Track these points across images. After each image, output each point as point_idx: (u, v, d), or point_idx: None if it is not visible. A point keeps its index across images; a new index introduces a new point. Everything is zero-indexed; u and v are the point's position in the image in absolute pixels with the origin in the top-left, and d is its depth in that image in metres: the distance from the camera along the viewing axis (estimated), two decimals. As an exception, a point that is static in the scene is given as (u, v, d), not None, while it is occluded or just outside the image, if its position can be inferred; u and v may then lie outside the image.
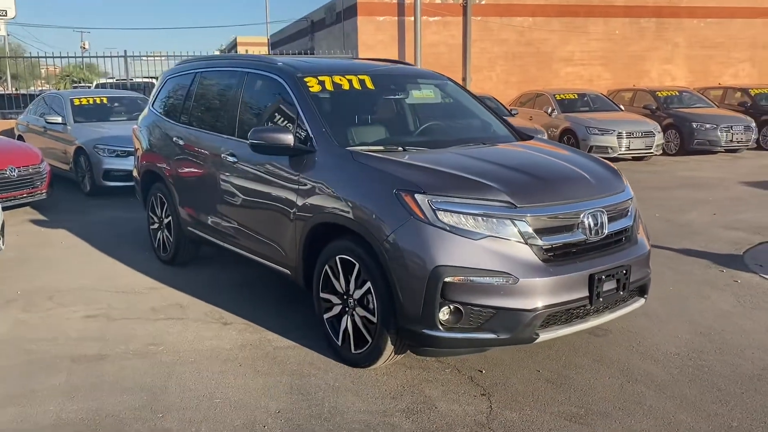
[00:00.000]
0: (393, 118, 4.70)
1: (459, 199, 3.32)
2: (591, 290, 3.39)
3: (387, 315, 3.45)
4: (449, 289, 3.21)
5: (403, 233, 3.31)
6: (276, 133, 3.99)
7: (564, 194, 3.50)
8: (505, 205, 3.31)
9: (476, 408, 3.29)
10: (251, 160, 4.43)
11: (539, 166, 3.76)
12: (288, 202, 4.05)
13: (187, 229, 5.48)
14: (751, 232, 7.10)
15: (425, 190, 3.34)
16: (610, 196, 3.68)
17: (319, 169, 3.90)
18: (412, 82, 4.95)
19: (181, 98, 5.67)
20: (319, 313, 3.95)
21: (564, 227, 3.43)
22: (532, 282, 3.23)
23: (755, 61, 20.48)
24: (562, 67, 18.70)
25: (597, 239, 3.52)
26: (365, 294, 3.59)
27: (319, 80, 4.38)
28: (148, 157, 6.05)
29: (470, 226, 3.27)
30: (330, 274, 3.81)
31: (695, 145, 14.19)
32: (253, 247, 4.56)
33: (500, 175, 3.53)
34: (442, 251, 3.23)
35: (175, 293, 5.14)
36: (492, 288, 3.21)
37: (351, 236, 3.66)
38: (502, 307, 3.22)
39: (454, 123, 4.89)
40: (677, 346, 4.04)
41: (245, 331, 4.33)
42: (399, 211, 3.35)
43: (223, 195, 4.80)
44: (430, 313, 3.25)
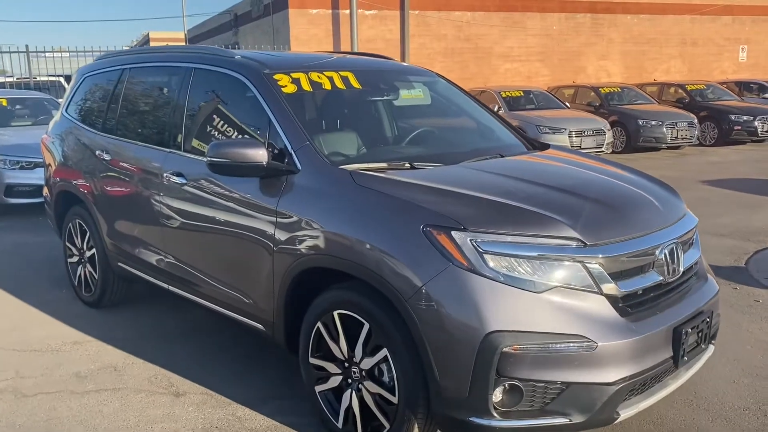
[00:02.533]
0: (386, 126, 3.80)
1: (511, 237, 2.47)
2: (676, 348, 2.61)
3: (414, 394, 2.56)
4: (506, 361, 2.36)
5: (440, 286, 2.43)
6: (244, 149, 3.00)
7: (636, 224, 2.71)
8: (573, 244, 2.49)
9: None
10: (206, 182, 3.42)
11: (596, 188, 2.95)
12: (261, 240, 3.08)
13: (117, 265, 4.38)
14: (740, 238, 6.65)
15: (465, 225, 2.47)
16: (679, 222, 2.93)
17: (306, 196, 2.95)
18: (401, 79, 4.04)
19: (105, 101, 4.54)
20: (309, 384, 3.01)
21: (640, 268, 2.64)
22: (614, 346, 2.41)
23: (685, 57, 20.78)
24: (501, 63, 18.25)
25: (674, 280, 2.76)
26: (379, 364, 2.69)
27: (293, 78, 3.41)
28: (62, 174, 4.88)
29: (529, 274, 2.42)
30: (324, 335, 2.88)
31: (641, 142, 14.01)
32: (211, 294, 3.54)
33: (555, 201, 2.70)
34: (497, 310, 2.36)
35: (106, 349, 4.04)
36: (563, 357, 2.38)
37: (356, 285, 2.74)
38: (576, 381, 2.40)
39: (455, 129, 4.04)
40: (741, 397, 3.36)
41: (206, 405, 3.32)
42: (431, 255, 2.46)
43: (166, 225, 3.76)
44: (480, 395, 2.38)
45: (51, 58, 15.58)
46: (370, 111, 3.82)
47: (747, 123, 15.00)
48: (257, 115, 3.31)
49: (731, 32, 21.41)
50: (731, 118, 15.10)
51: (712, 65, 21.20)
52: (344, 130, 3.48)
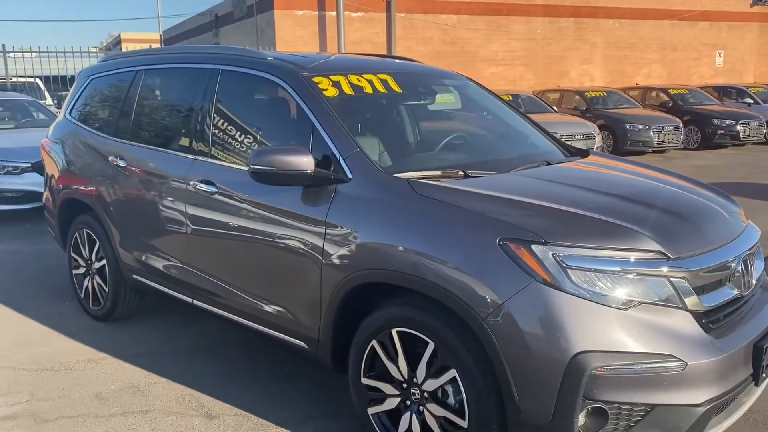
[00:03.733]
0: (430, 132, 3.64)
1: (594, 250, 2.33)
2: (756, 364, 2.50)
3: (486, 418, 2.41)
4: (593, 384, 2.22)
5: (521, 304, 2.28)
6: (289, 156, 2.82)
7: (712, 236, 2.60)
8: (657, 257, 2.36)
9: None
10: (242, 191, 3.22)
11: (667, 199, 2.82)
12: (309, 253, 2.89)
13: (131, 277, 4.15)
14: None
15: (546, 238, 2.33)
16: (746, 233, 2.83)
17: (359, 206, 2.78)
18: (437, 83, 3.89)
19: (117, 105, 4.30)
20: (361, 405, 2.83)
21: (720, 281, 2.53)
22: (703, 365, 2.29)
23: (665, 62, 21.05)
24: (486, 67, 18.24)
25: (748, 293, 2.66)
26: (444, 385, 2.53)
27: (333, 81, 3.24)
28: (68, 181, 4.62)
29: (614, 289, 2.29)
30: (380, 353, 2.71)
31: (629, 146, 14.09)
32: (244, 309, 3.33)
33: (631, 212, 2.57)
34: (584, 329, 2.23)
35: (123, 367, 3.80)
36: (651, 378, 2.25)
37: (419, 301, 2.58)
38: (663, 403, 2.27)
39: (495, 135, 3.90)
40: (794, 409, 3.28)
41: (242, 429, 3.12)
42: (511, 270, 2.31)
43: (192, 236, 3.55)
44: (566, 419, 2.24)
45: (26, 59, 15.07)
46: (410, 116, 3.66)
47: (729, 127, 15.20)
48: (298, 121, 3.13)
49: (708, 38, 21.77)
50: (714, 122, 15.29)
51: (690, 70, 21.52)
52: (389, 135, 3.31)
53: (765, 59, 22.98)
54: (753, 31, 22.58)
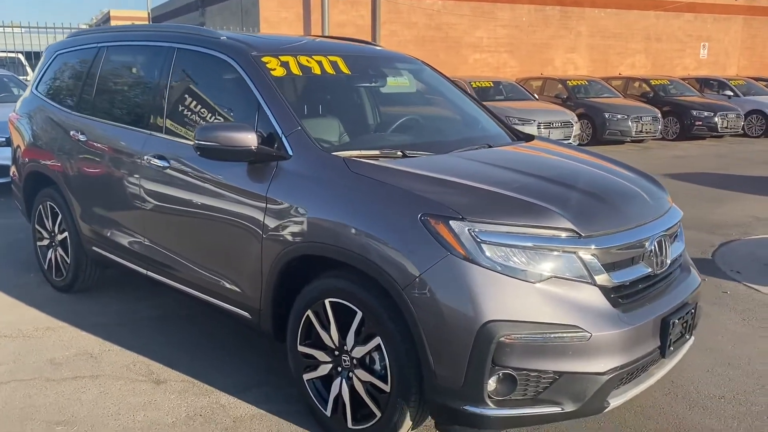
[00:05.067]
0: (375, 113, 3.76)
1: (508, 227, 2.48)
2: (664, 338, 2.67)
3: (407, 383, 2.55)
4: (502, 351, 2.37)
5: (438, 275, 2.42)
6: (233, 132, 2.93)
7: (628, 216, 2.75)
8: (567, 234, 2.51)
9: (531, 502, 2.50)
10: (191, 166, 3.34)
11: (587, 180, 2.97)
12: (250, 227, 3.02)
13: (91, 249, 4.26)
14: (705, 231, 6.84)
15: (463, 214, 2.47)
16: (665, 216, 2.98)
17: (298, 182, 2.91)
18: (388, 66, 4.00)
19: (81, 80, 4.39)
20: (297, 371, 2.98)
21: (632, 259, 2.68)
22: (607, 336, 2.45)
23: (649, 52, 21.17)
24: (470, 53, 18.29)
25: (662, 272, 2.81)
26: (371, 352, 2.68)
27: (282, 61, 3.35)
28: (33, 154, 4.71)
29: (526, 264, 2.44)
30: (314, 322, 2.85)
31: (607, 135, 14.25)
32: (193, 280, 3.46)
33: (550, 192, 2.72)
34: (494, 300, 2.37)
35: (80, 336, 3.93)
36: (557, 347, 2.40)
37: (349, 273, 2.72)
38: (569, 371, 2.43)
39: (441, 118, 4.02)
40: (716, 385, 3.46)
41: (188, 393, 3.27)
42: (428, 244, 2.45)
43: (146, 209, 3.66)
44: (475, 385, 2.39)
45: (9, 34, 15.00)
46: (358, 97, 3.77)
47: (708, 119, 15.39)
48: (245, 99, 3.24)
49: (693, 29, 21.90)
50: (693, 114, 15.48)
51: (674, 61, 21.67)
52: (333, 116, 3.43)
53: (749, 52, 23.16)
54: (738, 23, 22.74)
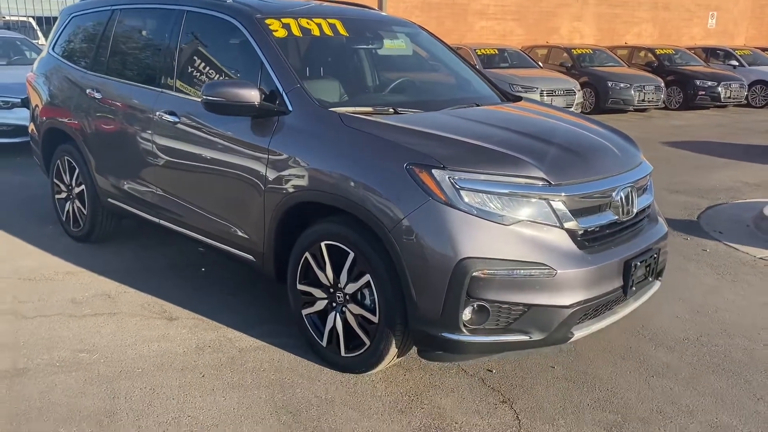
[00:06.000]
0: (371, 73, 4.00)
1: (485, 175, 2.75)
2: (626, 279, 2.96)
3: (393, 314, 2.86)
4: (476, 285, 2.66)
5: (420, 218, 2.71)
6: (238, 89, 3.20)
7: (597, 168, 3.02)
8: (539, 183, 2.78)
9: (501, 420, 2.82)
10: (200, 121, 3.61)
11: (563, 135, 3.23)
12: (254, 175, 3.31)
13: (107, 201, 4.56)
14: (695, 195, 7.07)
15: (444, 164, 2.74)
16: (635, 169, 3.25)
17: (296, 135, 3.18)
18: (385, 29, 4.24)
19: (95, 42, 4.64)
20: (296, 308, 3.29)
21: (599, 207, 2.96)
22: (571, 273, 2.74)
23: (656, 21, 21.09)
24: (477, 20, 18.32)
25: (627, 219, 3.09)
26: (362, 288, 2.98)
27: (284, 23, 3.59)
28: (50, 112, 4.99)
29: (500, 208, 2.72)
30: (312, 263, 3.15)
31: (610, 103, 14.36)
32: (202, 227, 3.77)
33: (526, 145, 2.99)
34: (469, 240, 2.66)
35: (98, 279, 4.26)
36: (526, 282, 2.70)
37: (342, 218, 3.01)
38: (536, 303, 2.72)
39: (435, 79, 4.27)
40: (683, 329, 3.75)
41: (198, 329, 3.59)
42: (413, 190, 2.73)
43: (158, 162, 3.95)
44: (452, 314, 2.70)
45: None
46: (355, 58, 4.02)
47: (711, 88, 15.46)
48: (249, 58, 3.49)
49: (702, -2, 21.78)
50: (696, 84, 15.54)
51: (681, 30, 21.58)
52: (331, 75, 3.68)
53: (757, 22, 23.01)
54: (747, -7, 22.57)
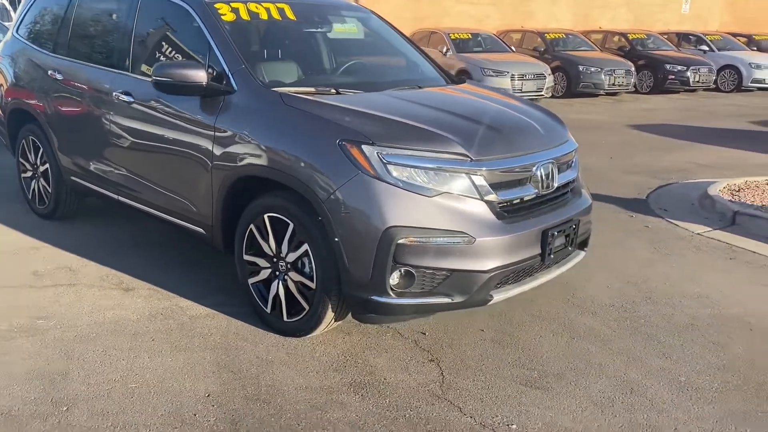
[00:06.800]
0: (318, 55, 4.20)
1: (411, 151, 2.97)
2: (544, 247, 3.20)
3: (328, 280, 3.09)
4: (402, 251, 2.90)
5: (350, 190, 2.93)
6: (185, 69, 3.39)
7: (518, 145, 3.25)
8: (460, 158, 3.01)
9: (427, 377, 3.06)
10: (152, 101, 3.79)
11: (490, 115, 3.46)
12: (202, 152, 3.50)
13: (69, 179, 4.73)
14: (648, 175, 7.35)
15: (373, 140, 2.96)
16: (558, 146, 3.49)
17: (241, 114, 3.38)
18: (335, 14, 4.44)
19: (57, 24, 4.79)
20: (243, 277, 3.51)
21: (518, 181, 3.20)
22: (489, 241, 2.98)
23: (631, 6, 21.33)
24: (453, 5, 18.44)
25: (547, 193, 3.33)
26: (301, 257, 3.20)
27: (233, 7, 3.78)
28: (15, 93, 5.13)
29: (423, 181, 2.95)
30: (256, 235, 3.36)
31: (581, 87, 14.64)
32: (156, 202, 3.96)
33: (452, 124, 3.21)
34: (395, 210, 2.89)
35: (61, 254, 4.44)
36: (447, 249, 2.93)
37: (283, 192, 3.22)
38: (457, 268, 2.96)
39: (382, 62, 4.48)
40: (610, 297, 4.02)
41: (152, 298, 3.80)
42: (344, 164, 2.95)
43: (116, 140, 4.12)
44: (380, 279, 2.93)
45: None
46: (303, 41, 4.20)
47: (680, 73, 15.79)
48: (199, 41, 3.67)
49: (677, -16, 22.04)
50: (666, 68, 15.86)
51: (656, 16, 21.84)
52: (277, 57, 3.88)
53: (731, 8, 23.33)
54: (722, -22, 22.85)
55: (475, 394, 2.93)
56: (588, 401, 2.91)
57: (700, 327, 3.64)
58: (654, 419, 2.79)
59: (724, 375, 3.15)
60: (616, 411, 2.84)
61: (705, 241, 5.13)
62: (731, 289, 4.18)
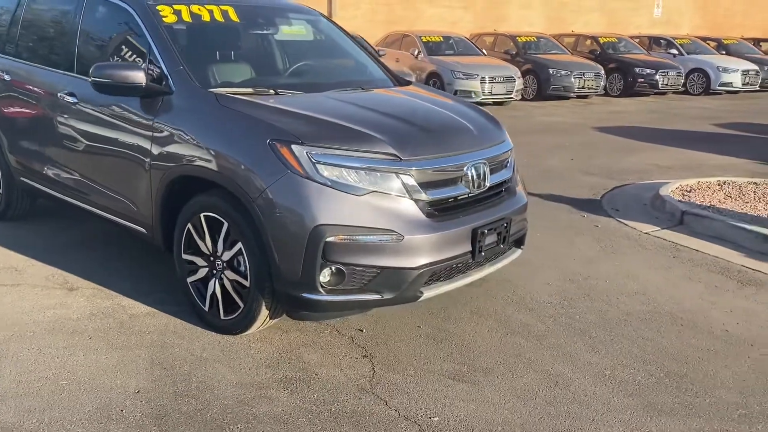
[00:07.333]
0: (261, 57, 4.25)
1: (340, 151, 3.04)
2: (474, 245, 3.28)
3: (262, 278, 3.13)
4: (331, 249, 2.95)
5: (279, 189, 2.98)
6: (124, 70, 3.43)
7: (448, 146, 3.33)
8: (389, 158, 3.08)
9: (358, 372, 3.12)
10: (95, 101, 3.82)
11: (423, 115, 3.54)
12: (141, 151, 3.54)
13: (20, 180, 4.73)
14: (605, 177, 7.48)
15: (303, 140, 3.02)
16: (492, 147, 3.57)
17: (177, 114, 3.42)
18: (282, 16, 4.49)
19: (5, 24, 4.79)
20: (182, 276, 3.55)
21: (448, 180, 3.27)
22: (417, 239, 3.05)
23: (604, 10, 21.62)
24: (426, 8, 18.59)
25: (479, 192, 3.40)
26: (236, 255, 3.25)
27: (175, 9, 3.82)
28: (-35, 94, 5.11)
29: (353, 180, 3.01)
30: (193, 234, 3.40)
31: (551, 90, 14.81)
32: (100, 202, 3.99)
33: (383, 124, 3.28)
34: (323, 209, 2.94)
35: (8, 254, 4.44)
36: (376, 247, 3.00)
37: (217, 191, 3.27)
38: (387, 266, 3.03)
39: (329, 64, 4.53)
40: (549, 294, 4.11)
41: (95, 297, 3.82)
42: (274, 164, 3.01)
43: (62, 141, 4.14)
44: (310, 276, 2.98)
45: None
46: (246, 43, 4.25)
47: (650, 76, 16.04)
48: (140, 42, 3.71)
49: (648, -12, 22.38)
50: (636, 71, 16.10)
51: (629, 20, 22.15)
52: (218, 58, 3.92)
53: (701, 12, 23.74)
54: (692, -17, 23.24)
55: (403, 389, 2.99)
56: (512, 394, 2.98)
57: (633, 323, 3.74)
58: (574, 411, 2.87)
59: (648, 368, 3.25)
60: (538, 403, 2.92)
61: (651, 240, 5.25)
62: (668, 286, 4.29)
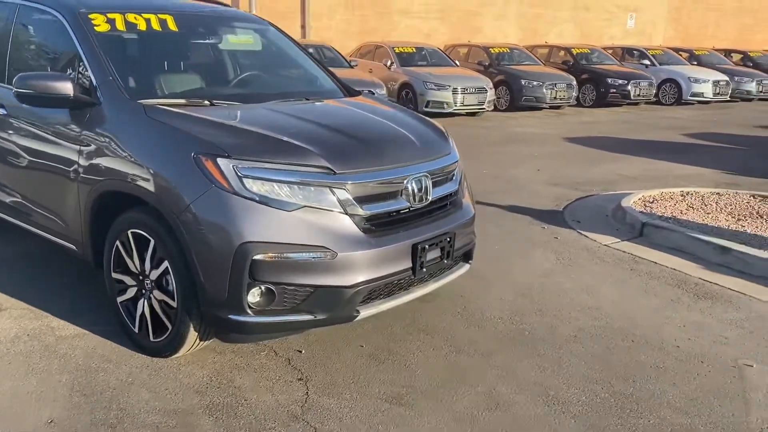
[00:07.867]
0: (200, 67, 4.10)
1: (270, 164, 2.89)
2: (414, 261, 3.15)
3: (188, 299, 2.98)
4: (259, 268, 2.81)
5: (203, 205, 2.83)
6: (49, 81, 3.26)
7: (387, 158, 3.19)
8: (322, 172, 2.94)
9: (290, 397, 2.97)
10: (23, 113, 3.65)
11: (361, 126, 3.41)
12: (69, 165, 3.38)
13: (-47, 195, 4.53)
14: (570, 187, 7.41)
15: (230, 153, 2.87)
16: (436, 159, 3.44)
17: (105, 126, 3.26)
18: (227, 25, 4.34)
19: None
20: (112, 295, 3.38)
21: (387, 194, 3.13)
22: (352, 256, 2.91)
23: (577, 21, 21.76)
24: (401, 19, 18.55)
25: (421, 206, 3.28)
26: (163, 275, 3.09)
27: (108, 18, 3.66)
28: None
29: (283, 195, 2.87)
30: (122, 252, 3.24)
31: (523, 101, 14.79)
32: (29, 217, 3.81)
33: (318, 136, 3.14)
34: (250, 225, 2.80)
35: (-64, 273, 4.24)
36: (308, 265, 2.86)
37: (145, 207, 3.11)
38: (320, 285, 2.89)
39: (275, 75, 4.40)
40: (501, 309, 3.99)
41: (23, 318, 3.63)
42: (198, 178, 2.86)
43: (-7, 155, 3.96)
44: (236, 297, 2.83)
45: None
46: (185, 53, 4.10)
47: (621, 87, 16.11)
48: (70, 51, 3.55)
49: (621, 0, 22.57)
50: (608, 82, 16.16)
51: (602, 31, 22.32)
52: (153, 69, 3.77)
53: (674, 23, 23.99)
54: (665, -5, 23.50)
55: (337, 414, 2.85)
56: (450, 418, 2.85)
57: (583, 339, 3.63)
58: (513, 435, 2.75)
59: (594, 387, 3.13)
60: (477, 428, 2.79)
61: (610, 252, 5.16)
62: (623, 301, 4.19)
